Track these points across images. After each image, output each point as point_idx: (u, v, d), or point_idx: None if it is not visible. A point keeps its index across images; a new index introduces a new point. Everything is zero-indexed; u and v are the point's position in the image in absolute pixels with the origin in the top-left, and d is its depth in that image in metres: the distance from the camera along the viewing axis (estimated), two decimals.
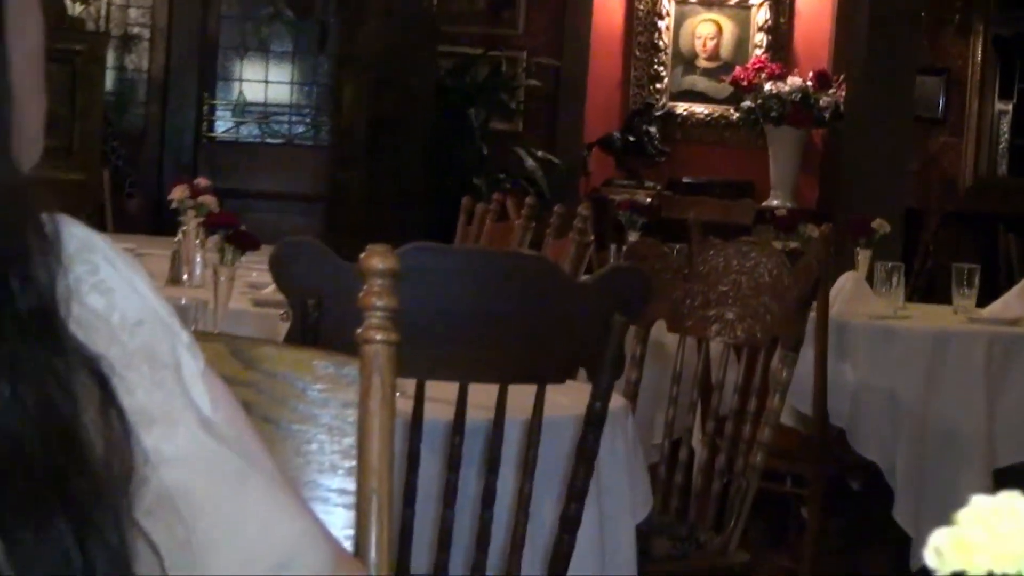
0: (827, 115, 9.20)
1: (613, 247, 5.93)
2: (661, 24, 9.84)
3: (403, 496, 2.40)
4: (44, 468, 0.85)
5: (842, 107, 8.90)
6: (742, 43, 9.87)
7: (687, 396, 3.60)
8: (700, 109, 9.92)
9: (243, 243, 3.75)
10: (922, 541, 0.63)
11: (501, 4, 9.78)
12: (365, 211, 8.78)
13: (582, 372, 2.62)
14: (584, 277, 3.46)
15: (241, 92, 10.00)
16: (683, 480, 3.50)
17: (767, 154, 9.46)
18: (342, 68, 9.37)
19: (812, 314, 3.97)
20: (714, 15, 9.90)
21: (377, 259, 1.57)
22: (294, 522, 1.05)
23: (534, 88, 9.70)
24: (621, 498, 2.77)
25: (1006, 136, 9.90)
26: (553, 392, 2.49)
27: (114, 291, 1.04)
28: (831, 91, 9.17)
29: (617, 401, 2.68)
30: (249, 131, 10.05)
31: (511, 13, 9.80)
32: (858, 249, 5.53)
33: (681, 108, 9.90)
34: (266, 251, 2.81)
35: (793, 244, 5.82)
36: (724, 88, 9.76)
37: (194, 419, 1.04)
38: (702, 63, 9.93)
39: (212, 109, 9.93)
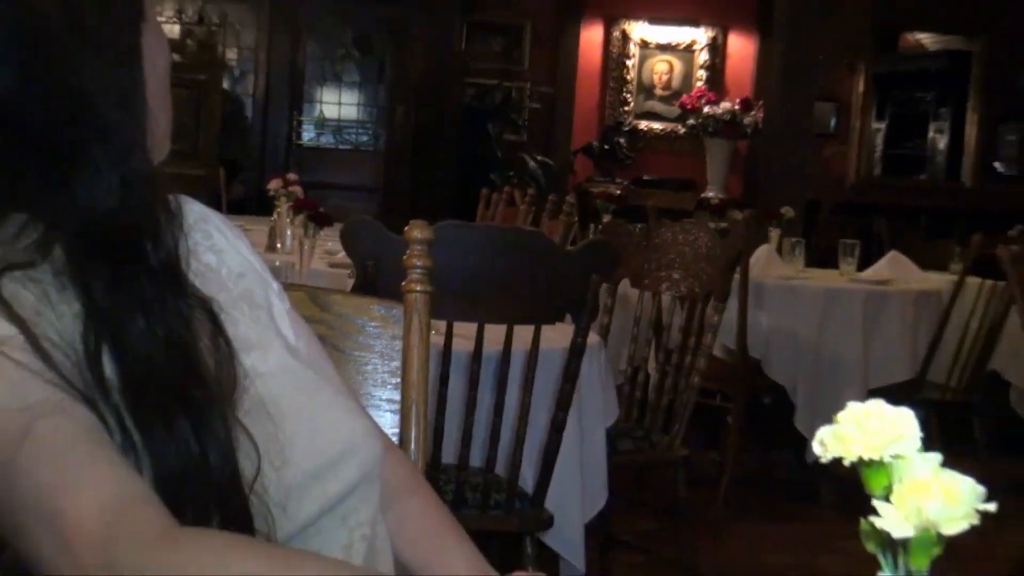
0: (750, 131, 9.14)
1: (592, 226, 5.92)
2: (629, 62, 9.79)
3: (436, 406, 2.40)
4: (170, 382, 0.85)
5: (760, 125, 8.86)
6: (687, 77, 9.81)
7: (644, 335, 3.59)
8: (657, 125, 9.87)
9: (321, 221, 3.75)
10: None
11: (511, 47, 9.74)
12: (410, 198, 8.79)
13: (568, 316, 2.62)
14: (570, 248, 3.45)
15: (321, 111, 9.97)
16: (641, 396, 3.50)
17: (705, 158, 9.42)
18: (394, 94, 9.36)
19: (736, 275, 3.96)
20: (668, 56, 9.85)
21: (418, 231, 1.57)
22: (355, 422, 1.05)
23: (535, 110, 9.66)
24: (595, 409, 2.77)
25: (880, 147, 9.88)
26: (547, 330, 2.49)
27: (223, 251, 1.04)
28: (752, 112, 9.11)
29: (593, 338, 2.68)
30: (327, 139, 10.01)
31: (519, 54, 9.75)
32: (770, 228, 5.52)
33: (643, 125, 9.85)
34: (338, 227, 2.80)
35: (723, 224, 5.81)
36: (674, 110, 9.70)
37: (282, 346, 1.04)
38: (658, 91, 9.87)
39: (300, 123, 9.90)
